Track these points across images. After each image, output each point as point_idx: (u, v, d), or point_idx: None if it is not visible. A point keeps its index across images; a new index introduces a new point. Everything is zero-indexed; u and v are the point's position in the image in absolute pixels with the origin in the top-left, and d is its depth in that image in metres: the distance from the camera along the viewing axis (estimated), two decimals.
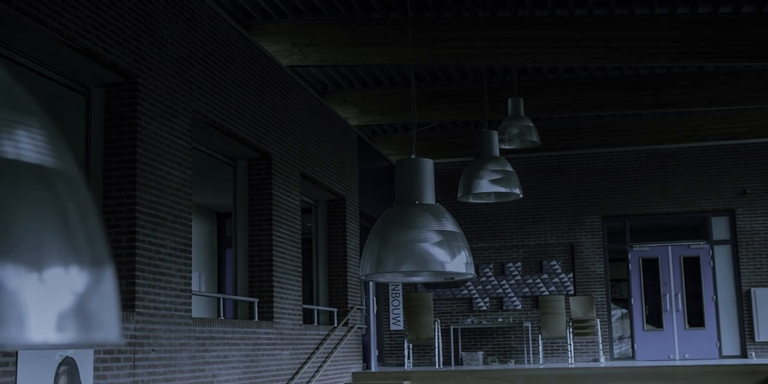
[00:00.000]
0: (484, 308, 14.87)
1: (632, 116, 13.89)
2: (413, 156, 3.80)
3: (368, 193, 13.23)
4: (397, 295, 14.98)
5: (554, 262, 14.76)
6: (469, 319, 14.62)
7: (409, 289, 14.80)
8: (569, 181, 14.90)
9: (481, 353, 14.15)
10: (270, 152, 9.21)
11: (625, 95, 11.71)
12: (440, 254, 3.65)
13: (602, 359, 13.76)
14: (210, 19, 7.93)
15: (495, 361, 14.28)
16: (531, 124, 8.84)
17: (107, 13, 6.24)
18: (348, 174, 12.16)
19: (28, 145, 0.95)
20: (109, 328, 0.94)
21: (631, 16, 9.26)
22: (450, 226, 3.69)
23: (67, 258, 0.93)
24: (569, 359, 13.61)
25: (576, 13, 9.38)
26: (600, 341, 13.81)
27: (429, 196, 3.75)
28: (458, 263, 3.66)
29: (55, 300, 0.91)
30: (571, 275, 14.68)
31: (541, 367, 12.60)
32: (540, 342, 13.88)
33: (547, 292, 14.59)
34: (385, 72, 11.46)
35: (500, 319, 14.55)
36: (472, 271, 3.72)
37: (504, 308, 14.84)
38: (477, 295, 14.89)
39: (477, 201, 7.18)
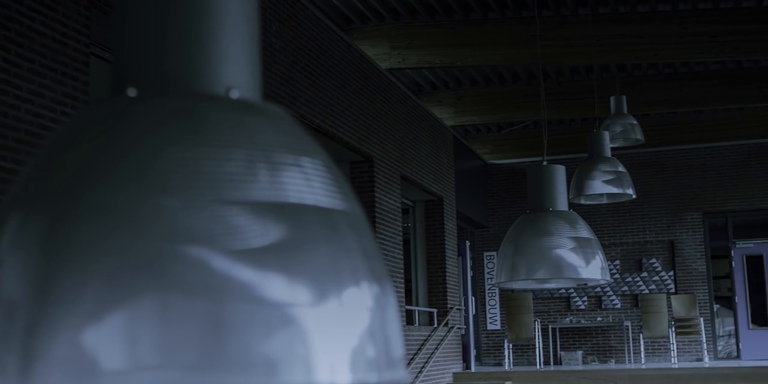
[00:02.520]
0: (582, 307, 14.70)
1: (733, 110, 13.55)
2: (545, 162, 3.78)
3: (464, 192, 13.21)
4: (494, 294, 14.92)
5: (654, 260, 14.50)
6: (567, 319, 14.48)
7: (507, 289, 14.72)
8: (668, 177, 14.62)
9: (580, 353, 14.00)
10: (372, 155, 9.27)
11: (727, 89, 11.43)
12: (575, 260, 3.64)
13: (706, 359, 13.47)
14: (314, 25, 8.02)
15: (594, 361, 14.11)
16: (634, 122, 8.71)
17: None
18: (444, 174, 12.17)
19: (313, 188, 0.98)
20: (399, 365, 0.97)
21: (737, 8, 9.04)
22: (584, 232, 3.67)
23: (356, 298, 0.96)
24: (672, 359, 13.36)
25: (680, 8, 9.20)
26: (704, 340, 13.51)
27: (562, 203, 3.74)
28: (593, 269, 3.64)
29: (342, 341, 0.93)
30: (671, 273, 14.41)
31: (644, 367, 12.40)
32: (641, 341, 13.66)
33: (647, 291, 14.35)
34: (481, 72, 11.43)
35: (599, 318, 14.37)
36: (607, 276, 3.70)
37: (603, 307, 14.64)
38: (575, 294, 14.73)
39: (589, 202, 7.11)
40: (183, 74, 0.91)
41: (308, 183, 0.98)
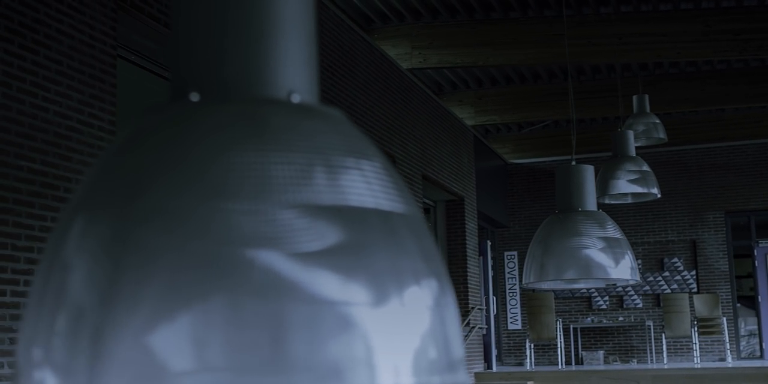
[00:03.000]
0: (604, 307, 14.64)
1: (755, 108, 13.46)
2: (573, 162, 3.77)
3: (484, 192, 13.19)
4: (515, 294, 14.89)
5: (675, 260, 14.43)
6: (588, 318, 14.42)
7: (529, 289, 14.68)
8: (690, 176, 14.54)
9: (601, 352, 13.95)
10: (394, 155, 9.28)
11: (750, 87, 11.36)
12: (604, 260, 3.63)
13: (729, 359, 13.38)
14: (336, 26, 8.03)
15: (616, 361, 14.05)
16: (657, 121, 8.68)
17: None
18: (465, 174, 12.15)
19: (373, 191, 0.98)
20: (459, 367, 0.97)
21: (761, 6, 8.98)
22: (614, 232, 3.66)
23: (417, 299, 0.96)
24: (694, 359, 13.29)
25: (703, 6, 9.15)
26: (727, 340, 13.43)
27: (591, 203, 3.73)
28: (622, 269, 3.63)
29: (405, 343, 0.93)
30: (693, 273, 14.33)
31: (667, 367, 12.34)
32: (663, 341, 13.59)
33: (669, 291, 14.27)
34: (501, 71, 11.41)
35: (621, 318, 14.31)
36: (637, 276, 3.68)
37: (624, 307, 14.58)
38: (596, 294, 14.67)
39: (614, 202, 7.09)
40: (244, 79, 0.92)
41: (368, 186, 0.98)
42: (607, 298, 14.67)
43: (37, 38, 4.42)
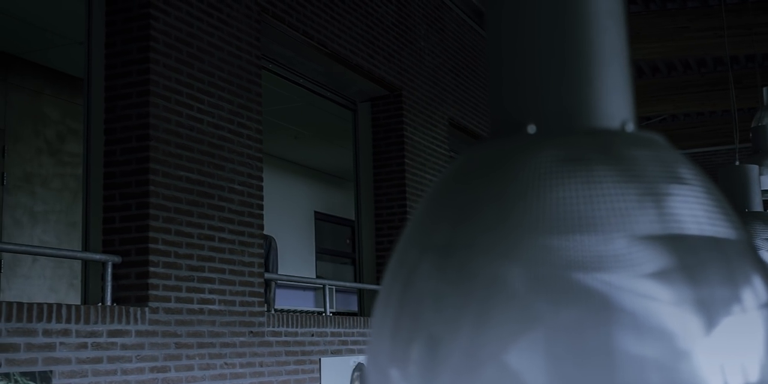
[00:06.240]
0: None
1: None
2: (737, 162, 3.70)
3: None
4: None
5: None
6: None
7: None
8: None
9: None
10: None
11: None
12: None
13: None
14: (458, 26, 8.04)
15: None
16: None
17: (375, 30, 6.46)
18: None
19: (700, 217, 0.99)
20: None
21: None
22: None
23: (750, 329, 0.96)
24: None
25: None
26: None
27: (757, 203, 3.64)
28: None
29: (736, 376, 0.93)
30: None
31: None
32: None
33: None
34: None
35: None
36: None
37: None
38: None
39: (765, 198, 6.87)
40: (581, 109, 0.93)
41: (695, 212, 0.99)
42: None
43: (191, 52, 4.56)
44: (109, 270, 4.17)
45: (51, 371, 3.59)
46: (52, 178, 7.02)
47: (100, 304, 4.10)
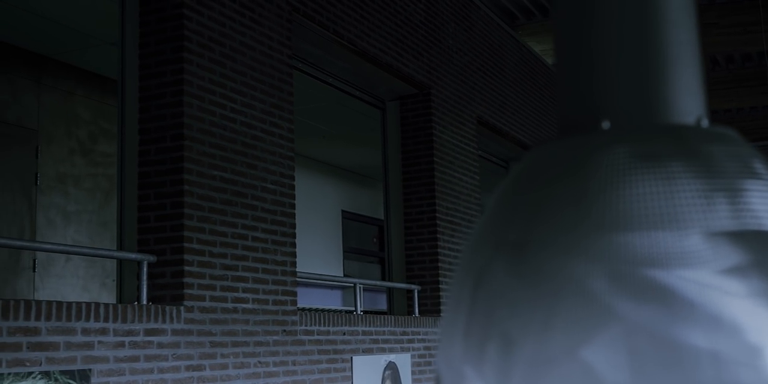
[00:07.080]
0: None
1: None
2: None
3: None
4: None
5: None
6: None
7: None
8: None
9: None
10: None
11: None
12: None
13: None
14: (486, 25, 8.02)
15: None
16: None
17: (403, 28, 6.46)
18: None
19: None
20: None
21: None
22: None
23: None
24: None
25: None
26: None
27: None
28: None
29: None
30: None
31: None
32: None
33: None
34: None
35: None
36: None
37: None
38: None
39: None
40: (658, 105, 0.93)
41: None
42: None
43: (224, 51, 4.58)
44: (145, 269, 4.19)
45: (90, 370, 3.61)
46: (84, 179, 7.07)
47: (136, 303, 4.12)
